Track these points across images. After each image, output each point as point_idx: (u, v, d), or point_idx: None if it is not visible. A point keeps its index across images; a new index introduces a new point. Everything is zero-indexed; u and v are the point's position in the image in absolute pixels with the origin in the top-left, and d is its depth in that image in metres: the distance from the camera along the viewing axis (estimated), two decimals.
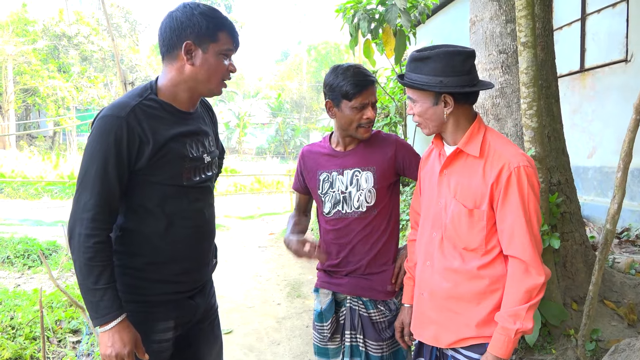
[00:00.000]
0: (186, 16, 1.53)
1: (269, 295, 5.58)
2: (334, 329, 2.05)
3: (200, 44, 1.55)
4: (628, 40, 5.28)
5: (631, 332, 2.91)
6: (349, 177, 1.98)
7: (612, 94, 5.48)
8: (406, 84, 1.60)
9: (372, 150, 1.99)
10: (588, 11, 5.93)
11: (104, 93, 26.41)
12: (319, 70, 40.58)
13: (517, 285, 1.48)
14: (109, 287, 1.47)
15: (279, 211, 13.55)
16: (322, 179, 2.04)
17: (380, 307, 1.98)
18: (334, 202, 2.00)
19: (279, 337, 4.29)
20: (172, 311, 1.66)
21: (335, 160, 2.03)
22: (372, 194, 1.95)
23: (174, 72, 1.58)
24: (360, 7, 7.75)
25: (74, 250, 1.47)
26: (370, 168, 1.96)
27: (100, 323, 1.47)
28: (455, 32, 8.77)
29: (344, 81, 1.88)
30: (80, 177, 1.49)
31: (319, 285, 2.11)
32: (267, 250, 8.23)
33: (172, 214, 1.62)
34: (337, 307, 2.06)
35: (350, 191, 1.97)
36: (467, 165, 1.59)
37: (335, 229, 2.02)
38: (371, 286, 1.98)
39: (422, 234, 1.76)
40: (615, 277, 3.29)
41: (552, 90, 3.37)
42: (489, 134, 1.61)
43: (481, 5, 3.42)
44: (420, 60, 1.57)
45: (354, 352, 2.00)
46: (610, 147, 5.44)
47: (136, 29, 31.30)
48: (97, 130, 1.49)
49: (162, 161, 1.56)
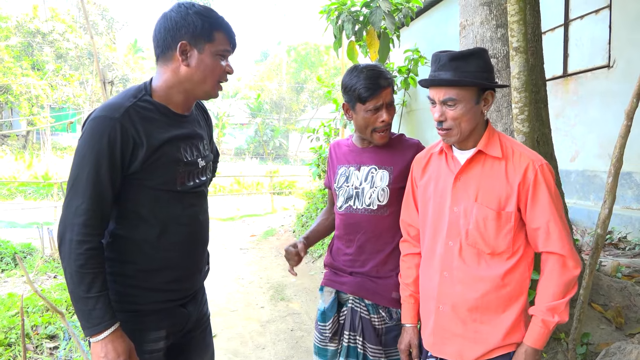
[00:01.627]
0: (181, 16, 1.49)
1: (252, 299, 5.53)
2: (335, 330, 2.02)
3: (196, 44, 1.50)
4: (611, 46, 5.39)
5: (619, 335, 2.95)
6: (365, 174, 1.96)
7: (595, 99, 5.59)
8: (451, 83, 1.52)
9: (392, 151, 1.98)
10: (571, 17, 6.03)
11: (79, 91, 25.93)
12: (299, 71, 40.57)
13: (557, 279, 1.49)
14: (101, 295, 1.41)
15: (260, 213, 13.47)
16: (340, 173, 2.03)
17: (381, 312, 1.95)
18: (347, 196, 1.99)
19: (263, 341, 4.24)
20: (164, 320, 1.61)
21: (354, 155, 2.03)
22: (385, 192, 1.92)
23: (168, 74, 1.53)
24: (344, 9, 7.76)
25: (65, 257, 1.40)
26: (387, 167, 1.94)
27: (92, 333, 1.40)
28: (439, 36, 8.84)
29: (357, 84, 1.85)
30: (71, 180, 1.43)
31: (324, 284, 2.09)
32: (249, 253, 8.16)
33: (166, 220, 1.57)
34: (339, 308, 2.04)
35: (363, 187, 1.95)
36: (486, 168, 1.57)
37: (345, 224, 2.01)
38: (375, 290, 1.94)
39: (433, 245, 1.69)
40: (602, 281, 3.33)
41: (541, 95, 3.40)
42: (501, 136, 1.61)
43: (472, 9, 3.43)
44: (462, 59, 1.53)
45: (350, 353, 1.97)
46: (593, 151, 5.55)
47: (113, 27, 30.83)
48: (90, 131, 1.43)
49: (156, 165, 1.51)
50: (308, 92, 41.00)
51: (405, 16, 7.76)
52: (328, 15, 7.99)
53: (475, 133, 1.59)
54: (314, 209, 9.11)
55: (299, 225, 9.46)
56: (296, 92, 41.12)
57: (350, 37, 7.80)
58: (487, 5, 3.34)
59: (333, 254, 2.10)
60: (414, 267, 1.81)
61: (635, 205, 5.09)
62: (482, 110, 1.56)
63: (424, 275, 1.73)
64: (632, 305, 3.18)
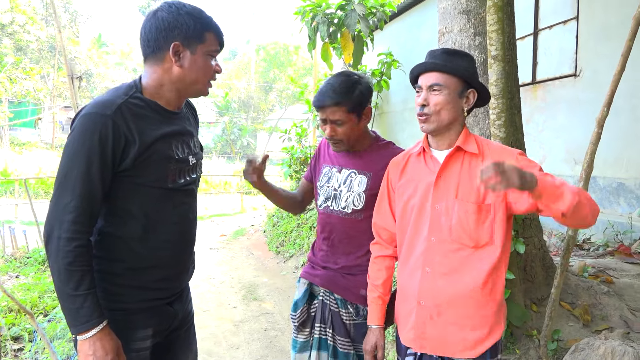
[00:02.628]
0: (173, 16, 1.49)
1: (224, 299, 5.50)
2: (303, 319, 2.07)
3: (189, 45, 1.51)
4: (577, 56, 5.62)
5: (586, 331, 3.09)
6: (345, 177, 2.01)
7: (562, 106, 5.81)
8: (444, 67, 1.61)
9: (374, 157, 2.02)
10: (540, 26, 6.26)
11: (40, 86, 25.09)
12: (268, 70, 40.31)
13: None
14: (89, 292, 1.40)
15: (229, 212, 13.37)
16: (324, 172, 2.09)
17: (350, 308, 1.99)
18: (326, 196, 2.04)
19: (237, 341, 4.24)
20: (151, 318, 1.60)
21: (338, 157, 2.08)
22: (360, 198, 1.96)
23: (160, 73, 1.54)
24: (319, 11, 7.80)
25: (52, 254, 1.39)
26: (366, 173, 1.98)
27: (79, 331, 1.39)
28: (411, 40, 9.00)
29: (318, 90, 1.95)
30: (60, 177, 1.41)
31: (301, 276, 2.16)
32: (219, 252, 8.11)
33: (156, 218, 1.57)
34: (311, 299, 2.09)
35: (341, 190, 2.00)
36: (465, 164, 1.64)
37: (323, 222, 2.08)
38: (345, 286, 1.99)
39: (414, 243, 1.72)
40: (570, 280, 3.48)
41: (515, 102, 3.53)
42: (477, 136, 1.69)
43: (450, 17, 3.53)
44: (455, 55, 1.65)
45: (321, 345, 2.01)
46: (560, 155, 5.77)
47: (77, 20, 29.99)
48: (81, 128, 1.42)
49: (148, 162, 1.50)
50: (277, 91, 40.82)
51: (380, 20, 7.86)
52: (303, 16, 8.02)
53: (453, 130, 1.66)
54: None
55: (270, 224, 9.44)
56: (265, 92, 40.86)
57: (324, 39, 7.85)
58: (465, 13, 3.44)
59: (314, 249, 2.17)
60: (384, 269, 1.85)
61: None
62: (462, 107, 1.64)
63: (403, 274, 1.76)
64: (597, 303, 3.34)
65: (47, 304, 4.90)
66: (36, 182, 14.80)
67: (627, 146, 5.08)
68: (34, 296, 4.95)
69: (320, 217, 2.09)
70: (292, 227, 7.96)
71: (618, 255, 4.55)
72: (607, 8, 5.28)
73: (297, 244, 7.19)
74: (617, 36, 5.03)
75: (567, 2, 5.84)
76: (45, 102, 27.22)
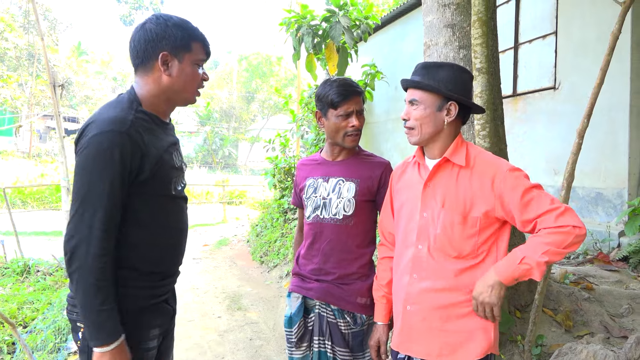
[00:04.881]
0: (160, 28, 1.56)
1: (208, 308, 5.47)
2: (301, 334, 2.07)
3: (176, 54, 1.58)
4: (556, 69, 5.78)
5: (568, 337, 3.16)
6: (333, 185, 2.04)
7: (542, 117, 5.96)
8: (416, 84, 1.66)
9: (360, 165, 2.07)
10: (521, 40, 6.42)
11: (18, 94, 24.69)
12: (250, 80, 40.33)
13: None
14: (114, 307, 1.45)
15: (211, 222, 13.30)
16: (308, 185, 2.11)
17: (347, 317, 2.01)
18: (315, 206, 2.06)
19: (222, 351, 4.21)
20: (158, 318, 1.66)
21: (322, 167, 2.11)
22: (351, 203, 2.00)
23: (150, 84, 1.60)
24: (304, 22, 7.89)
25: (80, 270, 1.41)
26: (354, 180, 2.03)
27: (101, 344, 1.43)
28: (394, 52, 9.13)
29: (330, 91, 1.98)
30: (82, 193, 1.44)
31: (291, 290, 2.15)
32: (202, 262, 8.06)
33: (162, 223, 1.63)
34: (307, 313, 2.09)
35: (330, 198, 2.03)
36: (452, 175, 1.67)
37: (312, 233, 2.08)
38: (341, 295, 2.01)
39: (404, 248, 1.77)
40: (552, 287, 3.56)
41: (499, 113, 3.62)
42: (470, 147, 1.71)
43: (436, 30, 3.61)
44: (433, 68, 1.67)
45: (321, 358, 2.03)
46: (540, 166, 5.90)
47: (56, 28, 29.65)
48: (100, 146, 1.44)
49: (159, 173, 1.57)
50: (259, 101, 40.82)
51: (364, 32, 7.98)
52: (288, 27, 8.09)
53: (440, 141, 1.69)
54: (269, 219, 9.11)
55: (253, 234, 9.42)
56: (247, 102, 40.82)
57: (309, 50, 7.93)
58: (450, 27, 3.53)
59: (300, 264, 2.16)
60: (389, 269, 1.90)
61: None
62: (444, 119, 1.66)
63: (396, 278, 1.82)
64: (579, 309, 3.42)
65: (27, 315, 4.82)
66: (13, 192, 14.52)
67: (605, 157, 5.23)
68: (12, 307, 4.86)
69: (309, 228, 2.10)
70: (276, 236, 7.96)
71: (597, 263, 4.67)
72: (584, 24, 5.46)
73: (281, 254, 7.19)
74: (594, 51, 5.20)
75: (546, 18, 6.01)
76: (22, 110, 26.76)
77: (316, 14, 7.95)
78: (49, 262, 6.42)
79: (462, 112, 1.68)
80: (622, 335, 3.15)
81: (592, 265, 4.64)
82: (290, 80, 37.89)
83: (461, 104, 1.66)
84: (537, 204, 1.54)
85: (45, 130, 34.96)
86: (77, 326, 1.56)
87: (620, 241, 5.00)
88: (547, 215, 1.52)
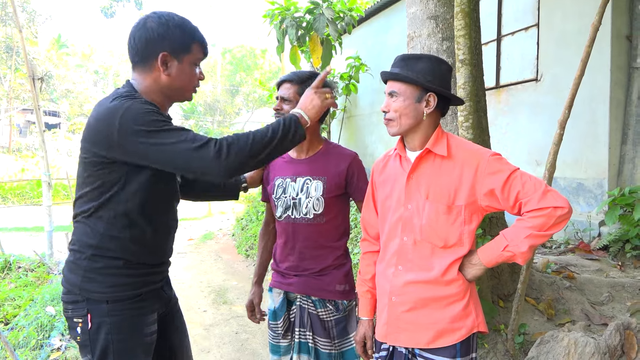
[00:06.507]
0: (162, 28, 1.58)
1: (193, 303, 5.46)
2: (286, 327, 2.12)
3: (176, 55, 1.61)
4: (538, 61, 5.83)
5: (551, 325, 3.22)
6: (300, 185, 2.06)
7: (524, 109, 6.01)
8: (395, 76, 1.67)
9: (326, 161, 2.08)
10: (503, 33, 6.46)
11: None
12: (234, 73, 40.04)
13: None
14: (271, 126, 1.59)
15: (196, 216, 13.23)
16: (277, 184, 2.12)
17: (329, 305, 2.05)
18: (285, 207, 2.07)
19: (208, 345, 4.21)
20: (155, 303, 1.70)
21: (290, 167, 2.12)
22: (320, 202, 2.02)
23: (149, 81, 1.62)
24: (288, 15, 7.85)
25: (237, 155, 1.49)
26: (321, 178, 2.04)
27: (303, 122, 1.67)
28: (379, 44, 9.13)
29: None
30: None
31: (272, 285, 2.19)
32: (187, 257, 8.04)
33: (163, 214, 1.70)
34: (289, 306, 2.13)
35: (300, 198, 2.05)
36: (435, 166, 1.68)
37: (285, 233, 2.11)
38: (320, 286, 2.05)
39: (389, 241, 1.78)
40: (535, 276, 3.61)
41: (482, 105, 3.65)
42: (450, 137, 1.72)
43: (419, 22, 3.62)
44: (412, 60, 1.67)
45: (302, 348, 2.07)
46: (522, 157, 5.96)
47: (35, 20, 29.07)
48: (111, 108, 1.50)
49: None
50: (243, 95, 40.59)
51: (348, 24, 7.96)
52: (271, 19, 8.05)
53: (420, 132, 1.70)
54: (254, 212, 9.10)
55: (238, 228, 9.40)
56: (231, 95, 40.54)
57: (293, 43, 7.90)
58: (433, 19, 3.54)
59: (277, 260, 2.19)
60: (373, 264, 1.91)
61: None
62: (423, 110, 1.66)
63: (380, 270, 1.83)
64: (560, 298, 3.48)
65: (8, 311, 4.75)
66: None
67: (586, 148, 5.30)
68: None
69: (282, 228, 2.13)
70: None
71: (579, 252, 4.75)
72: (565, 16, 5.50)
73: None
74: (576, 43, 5.26)
75: (528, 10, 6.06)
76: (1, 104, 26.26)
77: (300, 6, 7.92)
78: (31, 258, 6.33)
79: (441, 103, 1.68)
80: (602, 323, 3.21)
81: (573, 255, 4.72)
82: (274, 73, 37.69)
83: (440, 95, 1.67)
84: (522, 187, 1.56)
85: (25, 124, 34.37)
86: (74, 322, 1.57)
87: (600, 230, 5.08)
88: (529, 197, 1.55)
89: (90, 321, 1.54)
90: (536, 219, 1.53)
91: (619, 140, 5.16)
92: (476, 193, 1.63)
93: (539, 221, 1.53)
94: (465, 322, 1.66)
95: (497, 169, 1.59)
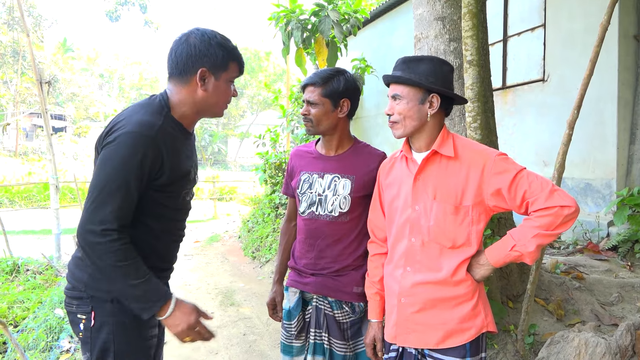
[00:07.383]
0: (204, 45, 1.61)
1: (201, 305, 5.34)
2: (300, 327, 2.09)
3: (215, 72, 1.64)
4: (545, 62, 5.82)
5: (560, 325, 3.20)
6: (328, 181, 2.04)
7: (531, 110, 6.00)
8: (398, 79, 1.68)
9: (355, 160, 2.06)
10: (510, 33, 6.45)
11: (2, 91, 24.37)
12: None
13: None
14: (149, 276, 1.50)
15: (202, 219, 13.25)
16: (303, 179, 2.09)
17: (345, 307, 2.02)
18: (310, 202, 2.05)
19: (216, 347, 4.21)
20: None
21: (318, 163, 2.10)
22: (347, 200, 1.99)
23: (184, 94, 1.65)
24: (293, 17, 7.87)
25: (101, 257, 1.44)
26: (349, 176, 2.02)
27: (155, 310, 1.51)
28: (384, 46, 9.13)
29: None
30: (98, 188, 1.47)
31: (288, 284, 2.16)
32: (194, 259, 8.03)
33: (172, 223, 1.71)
34: (304, 306, 2.11)
35: (326, 194, 2.02)
36: (442, 167, 1.69)
37: (307, 229, 2.08)
38: (337, 287, 2.02)
39: (397, 242, 1.78)
40: (544, 277, 3.60)
41: (489, 105, 3.64)
42: (456, 137, 1.73)
43: (426, 23, 3.62)
44: (413, 62, 1.68)
45: (317, 349, 2.04)
46: (529, 158, 5.95)
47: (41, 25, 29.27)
48: (124, 145, 1.48)
49: (175, 182, 1.63)
50: (248, 97, 40.68)
51: (353, 26, 7.97)
52: (277, 22, 8.07)
53: (425, 133, 1.72)
54: (261, 214, 9.09)
55: (244, 230, 9.39)
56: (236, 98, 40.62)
57: (298, 45, 7.91)
58: (440, 20, 3.54)
59: (295, 257, 2.17)
60: (381, 266, 1.91)
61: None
62: (427, 112, 1.68)
63: (388, 272, 1.83)
64: (570, 298, 3.47)
65: (17, 314, 4.77)
66: (0, 190, 14.36)
67: (594, 148, 5.28)
68: (3, 306, 4.81)
69: (304, 224, 2.10)
70: (267, 232, 7.94)
71: (587, 253, 4.73)
72: (572, 16, 5.49)
73: (273, 249, 7.18)
74: (582, 43, 5.24)
75: (535, 10, 6.05)
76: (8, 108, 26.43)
77: (305, 8, 7.93)
78: (39, 261, 6.35)
79: (444, 103, 1.69)
80: (612, 323, 3.20)
81: (582, 255, 4.70)
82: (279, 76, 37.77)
83: (443, 96, 1.68)
84: (528, 186, 1.56)
85: (32, 128, 34.56)
86: (77, 318, 1.58)
87: (609, 231, 5.06)
88: (536, 196, 1.55)
89: (93, 319, 1.56)
90: (543, 218, 1.53)
91: (627, 140, 5.14)
92: (483, 193, 1.63)
93: (546, 220, 1.53)
94: (474, 322, 1.66)
95: (504, 168, 1.60)
